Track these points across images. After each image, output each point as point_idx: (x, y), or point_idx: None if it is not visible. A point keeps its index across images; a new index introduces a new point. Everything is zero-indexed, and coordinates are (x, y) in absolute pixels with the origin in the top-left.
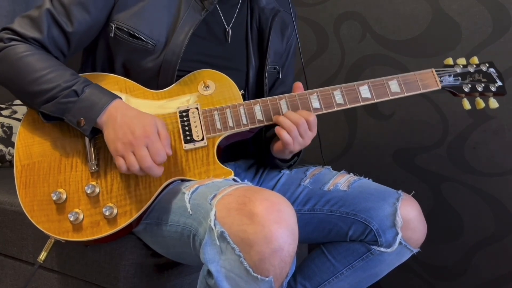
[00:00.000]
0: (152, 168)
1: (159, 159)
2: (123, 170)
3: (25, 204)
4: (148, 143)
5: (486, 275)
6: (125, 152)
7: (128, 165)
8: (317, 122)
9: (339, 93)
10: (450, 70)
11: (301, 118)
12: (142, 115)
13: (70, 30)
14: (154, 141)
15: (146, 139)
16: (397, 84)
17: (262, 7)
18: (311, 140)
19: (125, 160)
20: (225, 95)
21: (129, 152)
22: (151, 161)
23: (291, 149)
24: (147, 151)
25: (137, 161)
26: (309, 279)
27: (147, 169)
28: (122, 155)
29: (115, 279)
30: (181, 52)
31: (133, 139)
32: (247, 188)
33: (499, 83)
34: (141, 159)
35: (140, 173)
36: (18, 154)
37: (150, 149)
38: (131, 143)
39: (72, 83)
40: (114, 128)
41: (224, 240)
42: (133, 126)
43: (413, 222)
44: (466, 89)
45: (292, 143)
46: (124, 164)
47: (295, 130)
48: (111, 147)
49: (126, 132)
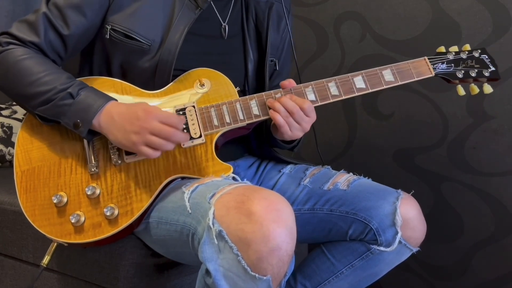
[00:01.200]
0: (176, 133)
1: (174, 121)
2: (155, 155)
3: (27, 209)
4: (156, 116)
5: (486, 275)
6: (144, 138)
7: (157, 146)
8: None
9: (333, 84)
10: (443, 58)
11: (296, 106)
12: (132, 104)
13: (66, 33)
14: (158, 113)
15: (151, 114)
16: (390, 73)
17: (257, 0)
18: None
19: (149, 145)
20: (221, 92)
21: (148, 135)
22: (171, 128)
23: (290, 134)
24: (160, 124)
25: (159, 137)
26: (309, 279)
27: (173, 135)
28: (143, 142)
29: (115, 279)
30: (176, 51)
31: (142, 122)
32: (246, 187)
33: (492, 68)
34: (160, 132)
35: (171, 147)
36: (18, 159)
37: (161, 121)
38: (143, 126)
39: (67, 86)
40: (117, 128)
41: (222, 239)
42: (133, 113)
43: (412, 221)
44: (460, 75)
45: (290, 131)
46: (151, 150)
47: (289, 118)
48: (128, 144)
49: (132, 122)
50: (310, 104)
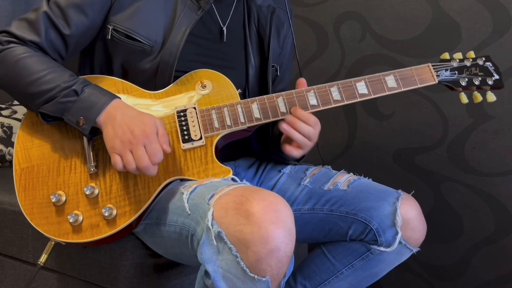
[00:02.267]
0: (148, 168)
1: (156, 159)
2: (119, 167)
3: (25, 207)
4: (146, 143)
5: (486, 275)
6: (123, 150)
7: (125, 163)
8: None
9: (336, 89)
10: (447, 65)
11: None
12: (141, 115)
13: (68, 33)
14: (152, 141)
15: (145, 139)
16: (393, 80)
17: (259, 5)
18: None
19: (122, 158)
20: (223, 94)
21: (127, 151)
22: (148, 161)
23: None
24: (144, 151)
25: (134, 160)
26: (309, 279)
27: (144, 168)
28: (120, 153)
29: (115, 279)
30: (178, 52)
31: (132, 138)
32: (245, 188)
33: (496, 77)
34: (138, 158)
35: (136, 172)
36: (17, 157)
37: (147, 149)
38: (130, 141)
39: (71, 83)
40: (113, 127)
41: (221, 240)
42: (132, 125)
43: (413, 221)
44: (463, 83)
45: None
46: (120, 161)
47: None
48: (109, 144)
49: (125, 131)
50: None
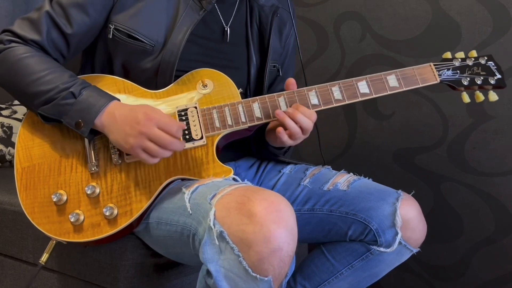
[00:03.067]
0: (173, 142)
1: (173, 130)
2: (152, 161)
3: (26, 206)
4: (156, 123)
5: (486, 275)
6: (142, 143)
7: (152, 153)
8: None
9: (337, 89)
10: (449, 64)
11: (309, 122)
12: (135, 106)
13: (69, 32)
14: (159, 119)
15: (152, 120)
16: (395, 79)
17: (262, 5)
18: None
19: (146, 151)
20: (224, 93)
21: (145, 141)
22: (168, 136)
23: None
24: (159, 130)
25: (156, 144)
26: (309, 279)
27: (170, 144)
28: (141, 147)
29: (115, 279)
30: (179, 52)
31: (141, 127)
32: (246, 187)
33: (498, 76)
34: (158, 139)
35: (168, 154)
36: (18, 156)
37: (161, 127)
38: (141, 131)
39: (70, 85)
40: (118, 129)
41: (223, 239)
42: (134, 116)
43: (412, 221)
44: (465, 83)
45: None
46: (148, 156)
47: (300, 132)
48: (126, 147)
49: (131, 126)
50: (316, 116)
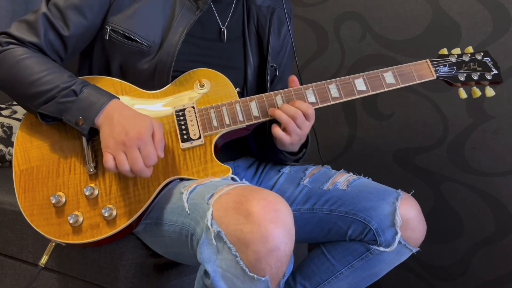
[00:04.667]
0: (142, 170)
1: (150, 162)
2: (110, 166)
3: (25, 208)
4: (141, 145)
5: (486, 275)
6: (116, 151)
7: (117, 163)
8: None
9: (334, 86)
10: (445, 60)
11: (298, 111)
12: (139, 116)
13: (67, 34)
14: (146, 143)
15: (139, 141)
16: (392, 76)
17: (259, 5)
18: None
19: (115, 158)
20: (221, 93)
21: (120, 151)
22: (142, 164)
23: (290, 141)
24: (139, 153)
25: (128, 162)
26: (309, 279)
27: (138, 171)
28: (113, 152)
29: (115, 279)
30: (175, 53)
31: (126, 140)
32: (244, 187)
33: (495, 71)
34: (132, 160)
35: (129, 174)
36: (17, 159)
37: (142, 152)
38: (124, 143)
39: (70, 84)
40: (109, 126)
41: (220, 239)
42: (128, 126)
43: (412, 221)
44: (462, 78)
45: (290, 137)
46: (112, 161)
47: (292, 123)
48: (103, 143)
49: (120, 131)
50: (313, 110)
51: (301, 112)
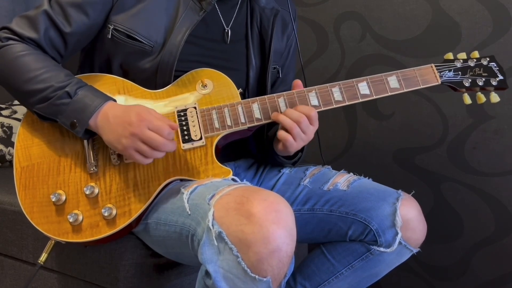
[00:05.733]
0: (165, 143)
1: (164, 133)
2: (144, 162)
3: (25, 205)
4: (147, 124)
5: (486, 275)
6: (134, 144)
7: (145, 154)
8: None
9: (337, 90)
10: (450, 65)
11: (302, 115)
12: (129, 107)
13: (67, 31)
14: (151, 120)
15: (144, 121)
16: (396, 80)
17: (263, 7)
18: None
19: (138, 152)
20: (223, 94)
21: (138, 142)
22: (160, 138)
23: (295, 147)
24: (151, 131)
25: (148, 146)
26: (309, 279)
27: (161, 146)
28: (133, 148)
29: (115, 279)
30: (177, 53)
31: (133, 128)
32: (245, 188)
33: (500, 77)
34: (149, 141)
35: (160, 155)
36: (18, 156)
37: (152, 129)
38: (133, 133)
39: (65, 84)
40: (111, 130)
41: (222, 240)
42: (127, 118)
43: (412, 222)
44: (467, 84)
45: (295, 142)
46: (141, 157)
47: (296, 128)
48: (119, 148)
49: (124, 127)
50: (316, 112)
51: (305, 116)
